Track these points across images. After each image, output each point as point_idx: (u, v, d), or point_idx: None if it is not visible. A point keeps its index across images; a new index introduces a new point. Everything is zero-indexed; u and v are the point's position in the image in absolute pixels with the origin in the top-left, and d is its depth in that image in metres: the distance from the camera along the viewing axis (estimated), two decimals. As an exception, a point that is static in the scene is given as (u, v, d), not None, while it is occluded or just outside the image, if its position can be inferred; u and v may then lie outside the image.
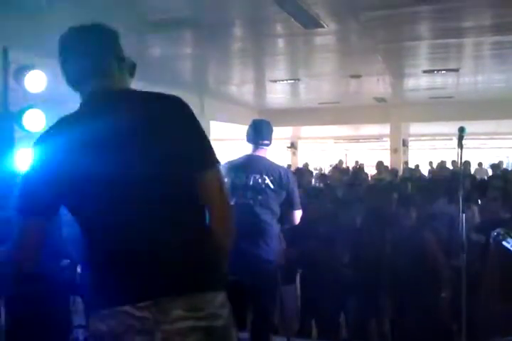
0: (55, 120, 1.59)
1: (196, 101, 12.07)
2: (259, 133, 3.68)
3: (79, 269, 4.01)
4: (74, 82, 1.68)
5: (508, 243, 2.61)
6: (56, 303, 2.96)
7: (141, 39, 6.78)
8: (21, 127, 3.16)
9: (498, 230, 2.68)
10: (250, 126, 3.77)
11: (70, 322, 3.11)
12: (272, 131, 3.75)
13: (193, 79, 10.45)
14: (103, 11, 5.35)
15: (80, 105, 1.66)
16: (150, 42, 7.07)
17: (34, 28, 5.81)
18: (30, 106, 3.21)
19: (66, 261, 3.14)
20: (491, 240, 2.72)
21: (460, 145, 3.09)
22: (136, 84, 1.78)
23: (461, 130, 3.10)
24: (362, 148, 22.01)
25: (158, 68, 8.73)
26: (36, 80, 3.35)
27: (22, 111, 3.17)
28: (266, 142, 3.70)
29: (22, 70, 3.34)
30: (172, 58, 8.07)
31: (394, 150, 14.61)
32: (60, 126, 1.60)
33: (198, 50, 7.74)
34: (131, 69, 1.75)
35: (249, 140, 3.73)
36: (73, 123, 1.57)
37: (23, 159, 3.12)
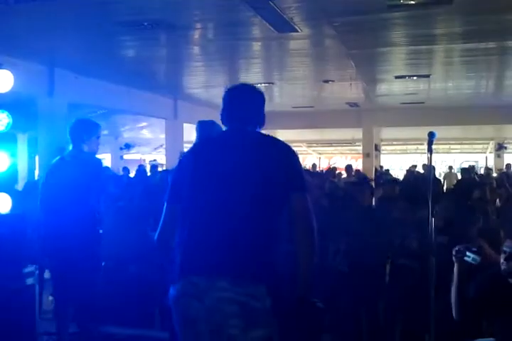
0: (22, 121, 1.52)
1: (170, 103, 11.98)
2: None
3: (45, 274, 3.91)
4: (223, 121, 2.22)
5: (468, 257, 2.66)
6: (21, 311, 2.87)
7: (113, 40, 6.69)
8: (-14, 128, 3.06)
9: (458, 247, 2.72)
10: None
11: (35, 329, 3.02)
12: None
13: (167, 82, 10.37)
14: (73, 11, 5.25)
15: (218, 135, 2.33)
16: (123, 43, 6.98)
17: (1, 27, 5.67)
18: (-4, 107, 3.11)
19: (31, 267, 3.05)
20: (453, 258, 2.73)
21: (430, 150, 3.11)
22: (110, 87, 1.76)
23: (431, 135, 3.12)
24: (335, 152, 22.21)
25: (132, 70, 8.63)
26: (3, 80, 3.25)
27: (-13, 112, 3.07)
28: None
29: (-12, 69, 3.24)
30: (146, 60, 7.98)
31: (366, 155, 14.74)
32: (199, 147, 2.30)
33: (172, 53, 7.68)
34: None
35: None
36: (205, 147, 2.20)
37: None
